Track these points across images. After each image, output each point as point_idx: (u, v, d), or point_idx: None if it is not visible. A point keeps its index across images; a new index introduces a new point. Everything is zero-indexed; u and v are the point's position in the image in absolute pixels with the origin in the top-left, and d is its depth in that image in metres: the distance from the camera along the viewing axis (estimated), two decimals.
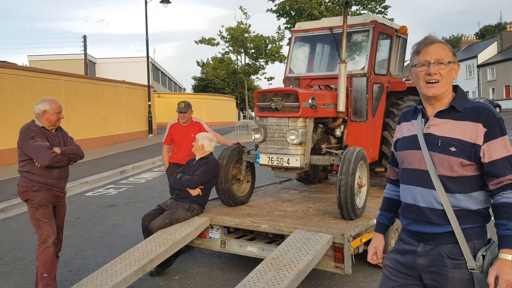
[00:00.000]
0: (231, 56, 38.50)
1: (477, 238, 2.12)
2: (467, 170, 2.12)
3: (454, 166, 2.11)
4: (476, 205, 2.13)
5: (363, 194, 5.18)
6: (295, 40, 7.03)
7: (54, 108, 4.32)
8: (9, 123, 13.71)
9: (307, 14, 25.57)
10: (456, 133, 2.12)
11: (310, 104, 5.33)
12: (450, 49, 2.18)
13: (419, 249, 2.21)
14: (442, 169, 2.14)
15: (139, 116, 23.95)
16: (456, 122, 2.14)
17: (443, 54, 2.14)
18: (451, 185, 2.13)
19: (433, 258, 2.17)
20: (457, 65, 2.19)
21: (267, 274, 3.84)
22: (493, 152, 2.07)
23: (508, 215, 2.02)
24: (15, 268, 5.52)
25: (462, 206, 2.12)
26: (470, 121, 2.11)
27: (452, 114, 2.16)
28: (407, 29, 6.79)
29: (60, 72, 17.96)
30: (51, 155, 4.16)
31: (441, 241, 2.15)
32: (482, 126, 2.08)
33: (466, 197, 2.13)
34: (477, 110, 2.13)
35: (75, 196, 10.00)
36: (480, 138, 2.08)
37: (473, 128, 2.09)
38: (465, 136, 2.10)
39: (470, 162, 2.10)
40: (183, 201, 5.28)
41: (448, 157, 2.11)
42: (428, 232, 2.18)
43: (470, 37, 61.72)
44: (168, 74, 56.07)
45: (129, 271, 4.22)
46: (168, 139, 6.39)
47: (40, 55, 40.22)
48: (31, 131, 4.22)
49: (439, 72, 2.13)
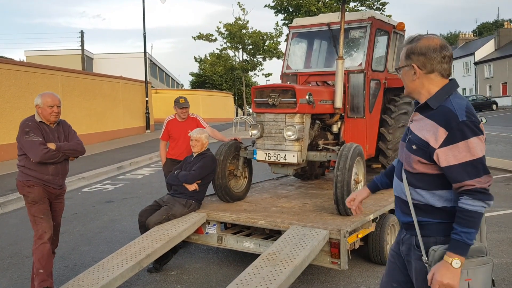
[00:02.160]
0: (229, 52, 38.53)
1: (440, 234, 2.14)
2: (427, 168, 2.14)
3: (412, 163, 2.18)
4: (442, 202, 2.15)
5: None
6: (293, 36, 7.02)
7: (45, 102, 4.23)
8: (6, 118, 13.67)
9: (305, 10, 25.56)
10: (421, 131, 2.15)
11: (307, 100, 5.33)
12: (406, 52, 2.20)
13: (402, 237, 2.35)
14: (405, 164, 2.24)
15: (136, 112, 23.92)
16: (426, 121, 2.15)
17: (400, 59, 2.28)
18: (413, 180, 2.21)
19: (408, 247, 2.28)
20: (411, 67, 2.18)
21: (263, 269, 3.86)
22: (451, 157, 2.03)
23: (460, 220, 2.02)
24: (11, 263, 5.52)
25: (425, 201, 2.18)
26: (434, 122, 2.10)
27: (427, 111, 2.18)
28: (404, 25, 6.80)
29: (57, 67, 17.93)
30: (42, 151, 4.12)
31: (413, 231, 2.22)
32: (443, 130, 2.05)
33: (429, 194, 2.16)
34: (442, 111, 2.10)
35: (72, 191, 9.99)
36: (437, 141, 2.06)
37: (434, 129, 2.09)
38: (425, 136, 2.12)
39: (428, 162, 2.12)
40: (180, 196, 5.28)
41: (410, 154, 2.19)
42: (404, 221, 2.30)
43: (468, 34, 61.81)
44: (165, 70, 55.96)
45: (125, 266, 4.22)
46: (165, 135, 6.39)
47: (37, 50, 40.08)
48: (27, 126, 4.20)
49: (401, 77, 2.29)
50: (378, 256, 5.07)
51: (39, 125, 4.26)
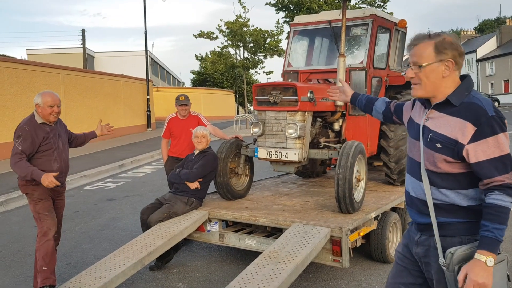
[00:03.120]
0: (229, 50, 38.40)
1: (466, 233, 2.11)
2: (454, 167, 2.09)
3: (437, 162, 2.11)
4: (467, 201, 2.11)
5: (361, 188, 5.19)
6: (294, 33, 7.01)
7: (45, 102, 4.20)
8: (8, 116, 13.69)
9: (306, 7, 25.47)
10: (444, 129, 2.09)
11: (309, 98, 5.33)
12: (435, 47, 2.09)
13: (416, 238, 2.28)
14: (428, 163, 2.15)
15: (137, 110, 23.92)
16: (448, 118, 2.10)
17: (421, 56, 2.11)
18: (437, 180, 2.14)
19: (426, 248, 2.22)
20: (447, 62, 2.09)
21: (265, 267, 3.86)
22: (480, 152, 2.00)
23: (491, 216, 1.99)
24: (14, 261, 5.54)
25: (450, 201, 2.12)
26: (460, 118, 2.05)
27: (448, 108, 2.12)
28: (406, 23, 6.77)
29: (59, 65, 17.93)
30: (16, 160, 4.09)
31: (432, 232, 2.18)
32: (471, 125, 2.01)
33: (454, 193, 2.11)
34: (469, 107, 2.05)
35: (74, 189, 10.01)
36: (466, 137, 2.02)
37: (460, 125, 2.04)
38: (451, 133, 2.06)
39: (454, 160, 2.07)
40: (181, 194, 5.28)
41: (433, 153, 2.12)
42: (421, 222, 2.24)
43: (470, 32, 61.56)
44: (166, 68, 55.93)
45: (127, 264, 4.23)
46: (167, 133, 6.39)
47: (38, 49, 40.09)
48: (22, 130, 4.17)
49: (416, 75, 2.13)
50: (380, 254, 5.07)
51: (37, 128, 4.20)
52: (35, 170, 4.09)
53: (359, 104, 2.90)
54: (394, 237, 5.33)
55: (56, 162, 4.29)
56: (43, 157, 4.23)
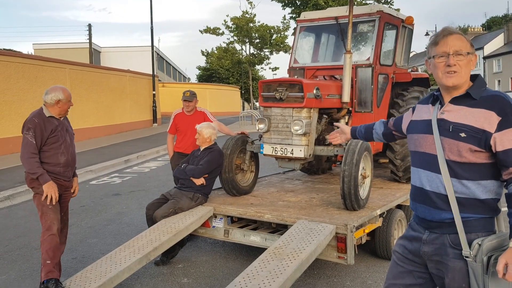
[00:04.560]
0: (235, 46, 38.46)
1: (482, 230, 2.11)
2: (477, 157, 2.11)
3: (462, 151, 2.11)
4: (485, 194, 2.12)
5: (366, 185, 5.18)
6: (300, 30, 6.99)
7: (67, 96, 4.31)
8: (15, 111, 13.76)
9: (313, 3, 25.36)
10: (468, 119, 2.12)
11: (315, 94, 5.31)
12: (468, 41, 2.19)
13: (424, 237, 2.26)
14: (451, 154, 2.15)
15: (143, 105, 23.98)
16: (469, 109, 2.14)
17: (461, 45, 2.16)
18: (459, 170, 2.14)
19: (437, 246, 2.20)
20: (475, 56, 2.21)
21: (270, 263, 3.87)
22: (506, 141, 2.04)
23: None
24: (20, 255, 5.58)
25: (469, 193, 2.12)
26: (484, 109, 2.10)
27: (467, 101, 2.16)
28: (413, 19, 6.73)
29: (65, 60, 18.00)
30: (30, 155, 4.13)
31: (445, 230, 2.17)
32: (496, 115, 2.06)
33: (475, 185, 2.12)
34: (493, 98, 2.12)
35: (80, 184, 9.92)
36: (492, 126, 2.06)
37: (486, 115, 2.08)
38: (477, 123, 2.09)
39: (479, 149, 2.09)
40: (187, 190, 5.30)
41: (458, 143, 2.12)
42: (433, 219, 2.21)
43: (477, 28, 61.20)
44: (172, 64, 55.95)
45: (133, 259, 4.25)
46: (173, 129, 6.40)
47: (45, 44, 40.17)
48: (31, 122, 4.19)
49: (458, 63, 2.16)
50: (385, 251, 5.06)
51: (45, 121, 4.23)
52: (43, 174, 4.15)
53: (359, 135, 2.99)
54: (399, 235, 5.32)
55: (63, 155, 4.32)
56: (50, 150, 4.26)
